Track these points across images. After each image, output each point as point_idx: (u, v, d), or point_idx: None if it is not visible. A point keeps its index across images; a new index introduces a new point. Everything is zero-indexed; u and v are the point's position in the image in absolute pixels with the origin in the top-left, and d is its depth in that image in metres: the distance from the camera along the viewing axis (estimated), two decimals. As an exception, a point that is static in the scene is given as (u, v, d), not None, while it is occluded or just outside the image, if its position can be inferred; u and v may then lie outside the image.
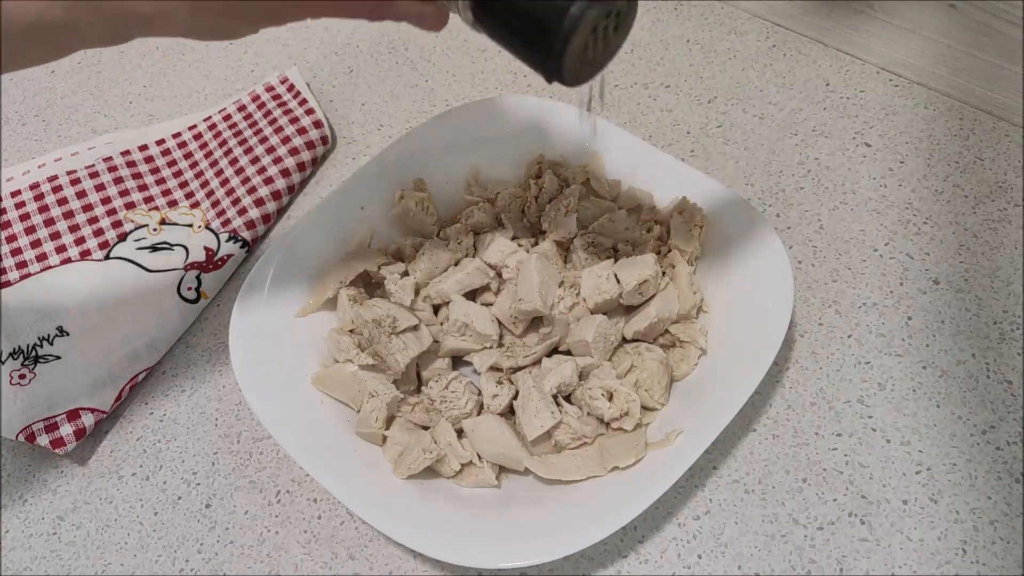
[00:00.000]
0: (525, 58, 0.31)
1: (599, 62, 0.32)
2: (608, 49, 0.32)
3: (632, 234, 0.48)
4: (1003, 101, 0.57)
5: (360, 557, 0.41)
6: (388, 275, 0.47)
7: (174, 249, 0.54)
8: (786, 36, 0.63)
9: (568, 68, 0.30)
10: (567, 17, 0.28)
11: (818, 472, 0.42)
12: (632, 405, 0.41)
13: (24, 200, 0.57)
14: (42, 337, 0.49)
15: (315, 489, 0.44)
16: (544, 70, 0.30)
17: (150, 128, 0.62)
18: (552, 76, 0.30)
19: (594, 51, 0.31)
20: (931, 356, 0.45)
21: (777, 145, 0.56)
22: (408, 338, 0.44)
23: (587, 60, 0.31)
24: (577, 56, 0.30)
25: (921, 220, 0.51)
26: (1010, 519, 0.40)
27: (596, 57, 0.31)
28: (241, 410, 0.47)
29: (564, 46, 0.28)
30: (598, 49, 0.31)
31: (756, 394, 0.41)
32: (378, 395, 0.42)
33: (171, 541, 0.43)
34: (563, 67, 0.29)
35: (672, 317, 0.44)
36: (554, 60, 0.29)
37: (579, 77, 0.31)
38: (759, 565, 0.39)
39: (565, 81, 0.31)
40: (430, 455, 0.40)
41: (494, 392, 0.43)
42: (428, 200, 0.51)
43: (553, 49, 0.29)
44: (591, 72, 0.32)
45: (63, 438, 0.45)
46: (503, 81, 0.63)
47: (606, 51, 0.32)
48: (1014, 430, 0.42)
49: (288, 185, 0.56)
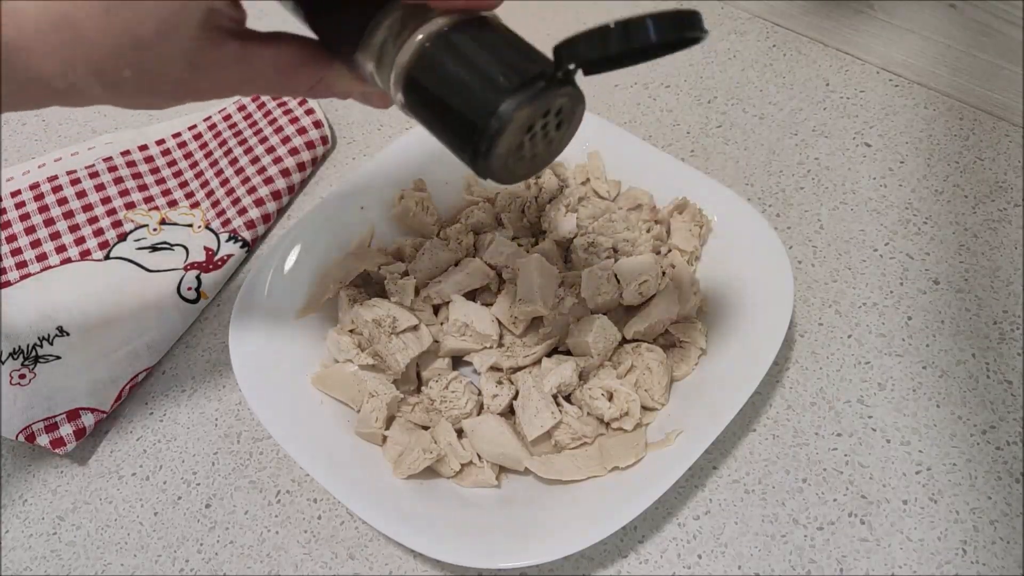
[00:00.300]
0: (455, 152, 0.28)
1: (541, 159, 0.29)
2: (551, 147, 0.29)
3: (632, 234, 0.48)
4: (1003, 101, 0.57)
5: (360, 557, 0.41)
6: (388, 275, 0.47)
7: (174, 249, 0.54)
8: (786, 36, 0.63)
9: (498, 169, 0.27)
10: (494, 117, 0.25)
11: (818, 472, 0.42)
12: (632, 405, 0.41)
13: (24, 200, 0.57)
14: (42, 337, 0.49)
15: (315, 489, 0.44)
16: (473, 167, 0.28)
17: (150, 128, 0.62)
18: (481, 175, 0.28)
19: (532, 149, 0.28)
20: (931, 356, 0.45)
21: (777, 145, 0.56)
22: (408, 338, 0.44)
23: (524, 159, 0.28)
24: (507, 156, 0.27)
25: (921, 220, 0.51)
26: (1010, 519, 0.40)
27: (537, 154, 0.29)
28: (241, 410, 0.47)
29: (490, 147, 0.26)
30: (537, 147, 0.28)
31: (756, 394, 0.41)
32: (378, 395, 0.42)
33: (171, 541, 0.43)
34: (491, 168, 0.27)
35: (672, 317, 0.44)
36: (480, 160, 0.27)
37: (515, 176, 0.29)
38: (759, 565, 0.39)
39: (498, 180, 0.28)
40: (430, 455, 0.40)
41: (494, 392, 0.43)
42: (428, 200, 0.51)
43: (479, 150, 0.26)
44: (530, 171, 0.29)
45: (63, 438, 0.45)
46: (503, 81, 0.63)
47: (548, 148, 0.29)
48: (1014, 430, 0.42)
49: (288, 185, 0.56)
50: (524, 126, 0.27)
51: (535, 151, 0.29)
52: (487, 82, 0.26)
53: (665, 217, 0.49)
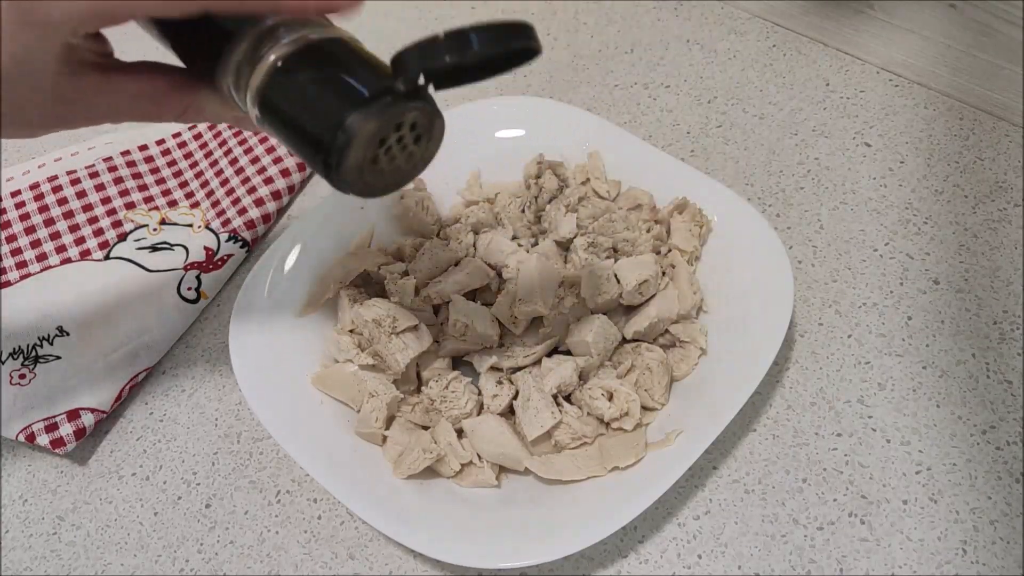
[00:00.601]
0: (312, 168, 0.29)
1: (404, 173, 0.30)
2: (413, 161, 0.30)
3: (632, 234, 0.48)
4: (1003, 101, 0.57)
5: (360, 557, 0.41)
6: (388, 275, 0.47)
7: (174, 249, 0.54)
8: (786, 36, 0.63)
9: (353, 181, 0.28)
10: (340, 131, 0.26)
11: (818, 472, 0.42)
12: (632, 405, 0.41)
13: (24, 200, 0.57)
14: (42, 337, 0.49)
15: (315, 489, 0.44)
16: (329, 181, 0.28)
17: (150, 128, 0.61)
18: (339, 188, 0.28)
19: (391, 163, 0.29)
20: (931, 356, 0.45)
21: (777, 145, 0.56)
22: (408, 338, 0.44)
23: (383, 171, 0.29)
24: (362, 170, 0.28)
25: (921, 220, 0.51)
26: (1010, 519, 0.40)
27: (396, 168, 0.29)
28: (241, 410, 0.47)
29: (340, 161, 0.27)
30: (396, 160, 0.29)
31: (756, 394, 0.41)
32: (378, 395, 0.42)
33: (171, 541, 0.43)
34: (345, 180, 0.28)
35: (672, 317, 0.44)
36: (333, 173, 0.27)
37: (374, 189, 0.29)
38: (759, 565, 0.39)
39: (357, 193, 0.29)
40: (430, 455, 0.40)
41: (494, 392, 0.43)
42: (428, 200, 0.51)
43: (329, 163, 0.27)
44: (393, 185, 0.30)
45: (63, 438, 0.45)
46: (503, 81, 0.63)
47: (410, 162, 0.30)
48: (1014, 430, 0.42)
49: (288, 185, 0.56)
50: (374, 139, 0.27)
51: (395, 165, 0.29)
52: (333, 97, 0.27)
53: (665, 217, 0.49)
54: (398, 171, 0.30)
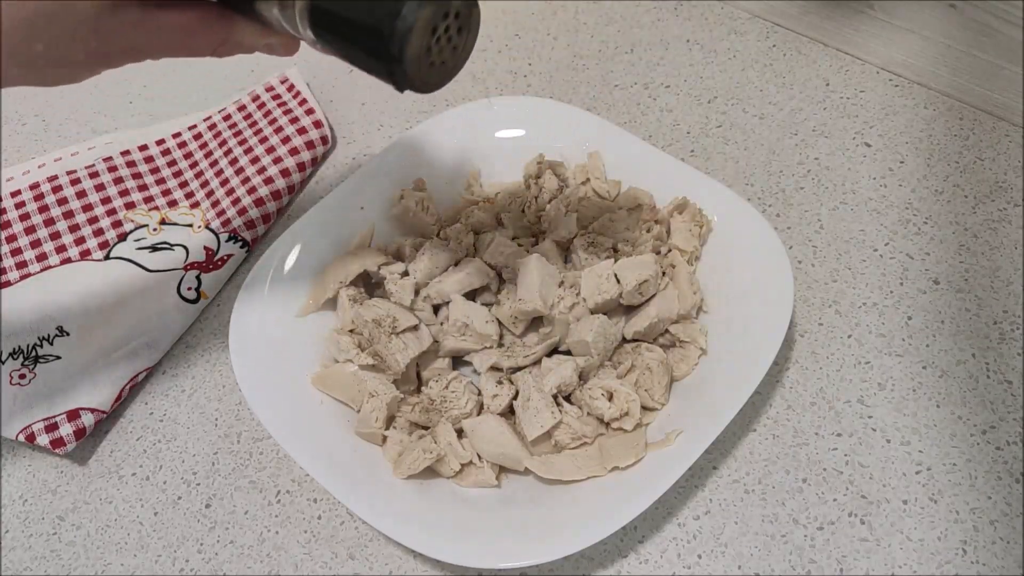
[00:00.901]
0: (371, 69, 0.31)
1: (450, 66, 0.32)
2: (457, 53, 0.32)
3: (632, 234, 0.48)
4: (1003, 101, 0.57)
5: (360, 557, 0.41)
6: (388, 275, 0.47)
7: (174, 249, 0.54)
8: (786, 36, 0.63)
9: (413, 73, 0.30)
10: (399, 19, 0.28)
11: (818, 472, 0.42)
12: (632, 405, 0.41)
13: (24, 200, 0.57)
14: (42, 337, 0.49)
15: (315, 489, 0.44)
16: (391, 79, 0.30)
17: (150, 128, 0.62)
18: (401, 84, 0.31)
19: (440, 55, 0.31)
20: (931, 356, 0.45)
21: (777, 145, 0.56)
22: (408, 338, 0.44)
23: (434, 64, 0.31)
24: (419, 60, 0.30)
25: (921, 220, 0.51)
26: (1010, 519, 0.40)
27: (445, 60, 0.32)
28: (241, 410, 0.47)
29: (402, 50, 0.29)
30: (444, 52, 0.31)
31: (756, 394, 0.41)
32: (378, 395, 0.42)
33: (171, 541, 0.43)
34: (407, 72, 0.30)
35: (672, 317, 0.44)
36: (397, 65, 0.29)
37: (428, 83, 0.32)
38: (759, 565, 0.39)
39: (415, 87, 0.31)
40: (430, 455, 0.40)
41: (494, 392, 0.43)
42: (428, 200, 0.51)
43: (392, 55, 0.29)
44: (442, 78, 0.32)
45: (63, 438, 0.45)
46: (503, 81, 0.63)
47: (455, 55, 0.32)
48: (1014, 430, 0.42)
49: (288, 185, 0.56)
50: (428, 28, 0.29)
51: (443, 58, 0.32)
52: None
53: (665, 217, 0.49)
54: (445, 64, 0.32)
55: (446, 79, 0.33)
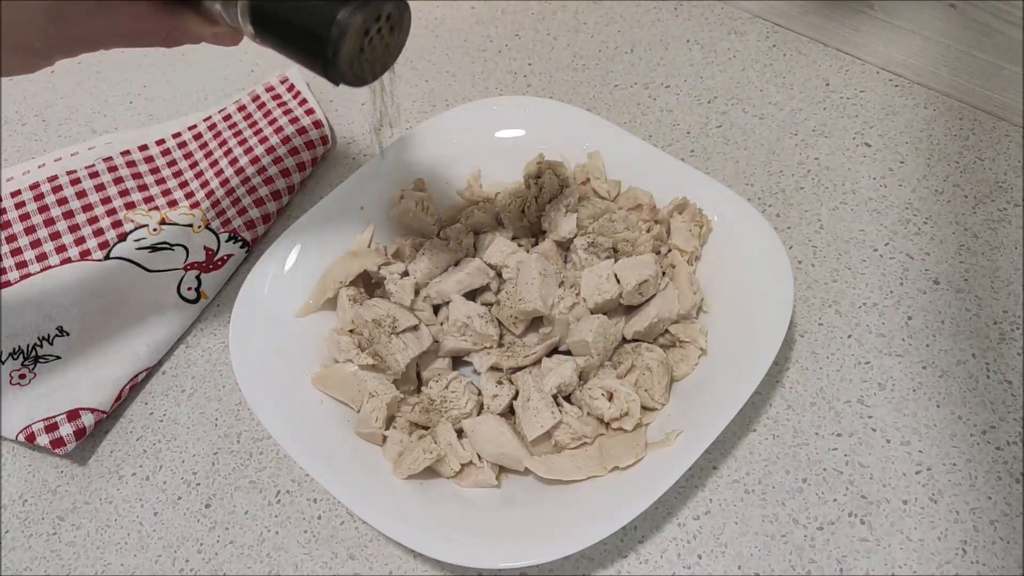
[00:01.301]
0: (307, 66, 0.33)
1: (381, 62, 0.34)
2: (389, 50, 0.34)
3: (632, 234, 0.48)
4: (1003, 101, 0.57)
5: (360, 557, 0.41)
6: (388, 275, 0.47)
7: (174, 249, 0.54)
8: (786, 36, 0.63)
9: (345, 71, 0.32)
10: (334, 25, 0.30)
11: (818, 472, 0.42)
12: (632, 405, 0.41)
13: (24, 200, 0.57)
14: (42, 337, 0.50)
15: (315, 489, 0.44)
16: (326, 75, 0.33)
17: (150, 128, 0.62)
18: (335, 80, 0.33)
19: (372, 52, 0.33)
20: (931, 356, 0.45)
21: (777, 145, 0.56)
22: (408, 338, 0.44)
23: (367, 61, 0.33)
24: (352, 60, 0.32)
25: (921, 220, 0.51)
26: (1010, 519, 0.40)
27: (376, 58, 0.34)
28: (241, 410, 0.47)
29: (336, 52, 0.31)
30: (376, 50, 0.33)
31: (756, 394, 0.41)
32: (378, 395, 0.42)
33: (171, 541, 0.43)
34: (340, 71, 0.32)
35: (672, 317, 0.44)
36: (331, 65, 0.32)
37: (361, 78, 0.34)
38: (759, 565, 0.39)
39: (349, 82, 0.33)
40: (430, 455, 0.40)
41: (494, 392, 0.43)
42: (428, 200, 0.51)
43: (327, 56, 0.31)
44: (375, 72, 0.35)
45: (63, 438, 0.45)
46: (503, 81, 0.63)
47: (387, 51, 0.34)
48: (1014, 430, 0.42)
49: (288, 185, 0.56)
50: (360, 31, 0.31)
51: (375, 56, 0.34)
52: None
53: (665, 217, 0.49)
54: (376, 62, 0.34)
55: (379, 73, 0.35)
